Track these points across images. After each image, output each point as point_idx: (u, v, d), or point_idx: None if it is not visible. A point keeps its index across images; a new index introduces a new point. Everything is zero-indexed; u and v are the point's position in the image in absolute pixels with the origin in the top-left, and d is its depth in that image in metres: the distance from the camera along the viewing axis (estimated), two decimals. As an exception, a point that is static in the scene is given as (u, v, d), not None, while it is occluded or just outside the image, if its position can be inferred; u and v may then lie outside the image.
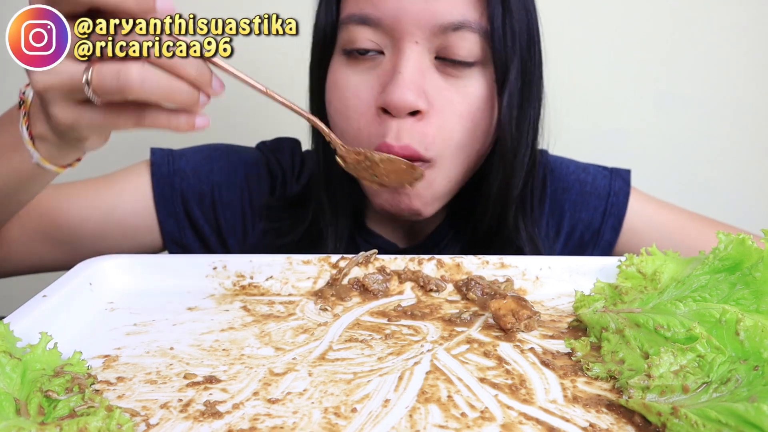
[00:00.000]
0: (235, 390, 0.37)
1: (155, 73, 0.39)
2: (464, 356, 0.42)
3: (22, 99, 0.46)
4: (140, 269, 0.55)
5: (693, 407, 0.32)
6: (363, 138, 0.58)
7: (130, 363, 0.41)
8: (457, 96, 0.57)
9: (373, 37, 0.56)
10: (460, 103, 0.57)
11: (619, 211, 0.71)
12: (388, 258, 0.56)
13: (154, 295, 0.53)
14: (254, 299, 0.53)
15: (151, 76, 0.39)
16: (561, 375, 0.40)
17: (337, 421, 0.34)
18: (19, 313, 0.43)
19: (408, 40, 0.55)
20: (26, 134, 0.46)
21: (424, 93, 0.56)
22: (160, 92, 0.40)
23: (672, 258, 0.49)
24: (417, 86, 0.55)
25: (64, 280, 0.49)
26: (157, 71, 0.40)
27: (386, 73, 0.56)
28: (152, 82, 0.39)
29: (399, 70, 0.55)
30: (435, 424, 0.34)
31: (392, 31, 0.55)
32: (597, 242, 0.72)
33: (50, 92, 0.41)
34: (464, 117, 0.58)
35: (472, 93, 0.58)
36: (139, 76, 0.39)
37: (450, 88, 0.57)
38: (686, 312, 0.40)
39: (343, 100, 0.59)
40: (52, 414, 0.32)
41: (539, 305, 0.52)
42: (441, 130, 0.57)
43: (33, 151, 0.47)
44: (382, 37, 0.56)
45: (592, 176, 0.73)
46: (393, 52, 0.56)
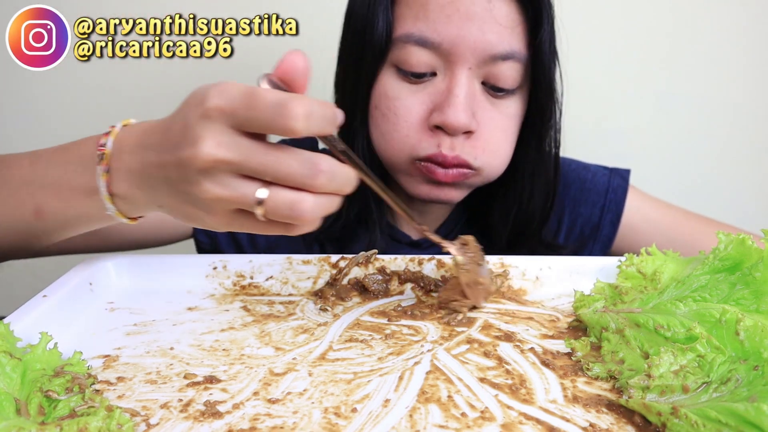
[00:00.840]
0: (235, 390, 0.37)
1: (325, 201, 0.38)
2: (464, 356, 0.42)
3: (102, 152, 0.42)
4: (140, 269, 0.55)
5: (693, 407, 0.32)
6: (409, 144, 0.62)
7: (130, 363, 0.41)
8: (499, 115, 0.62)
9: (429, 59, 0.60)
10: (501, 121, 0.63)
11: (617, 207, 0.74)
12: (388, 258, 0.56)
13: (154, 295, 0.53)
14: (254, 299, 0.53)
15: (321, 205, 0.37)
16: (561, 375, 0.40)
17: (337, 421, 0.34)
18: (19, 313, 0.43)
19: (462, 65, 0.59)
20: (105, 190, 0.43)
21: (473, 114, 0.60)
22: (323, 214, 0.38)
23: (672, 258, 0.49)
24: (469, 108, 0.59)
25: (64, 280, 0.49)
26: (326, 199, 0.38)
27: (440, 93, 0.60)
28: (320, 210, 0.37)
29: (455, 93, 0.59)
30: (435, 424, 0.34)
31: (448, 55, 0.59)
32: (597, 237, 0.75)
33: (217, 203, 0.38)
34: (505, 132, 0.63)
35: (512, 113, 0.63)
36: (312, 209, 0.37)
37: (494, 110, 0.62)
38: (686, 312, 0.40)
39: (393, 110, 0.62)
40: (53, 414, 0.32)
41: (539, 305, 0.52)
42: (487, 144, 0.62)
43: (110, 205, 0.44)
44: (437, 59, 0.60)
45: (592, 174, 0.76)
46: (446, 74, 0.60)
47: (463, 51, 0.58)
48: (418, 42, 0.59)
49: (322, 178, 0.36)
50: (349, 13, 0.65)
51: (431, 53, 0.59)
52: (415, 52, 0.59)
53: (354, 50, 0.63)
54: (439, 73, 0.60)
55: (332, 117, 0.36)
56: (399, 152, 0.63)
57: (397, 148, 0.62)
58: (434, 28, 0.58)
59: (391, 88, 0.62)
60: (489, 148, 0.62)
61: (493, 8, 0.58)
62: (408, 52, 0.60)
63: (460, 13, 0.57)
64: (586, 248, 0.75)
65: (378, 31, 0.61)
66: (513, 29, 0.59)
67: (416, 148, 0.61)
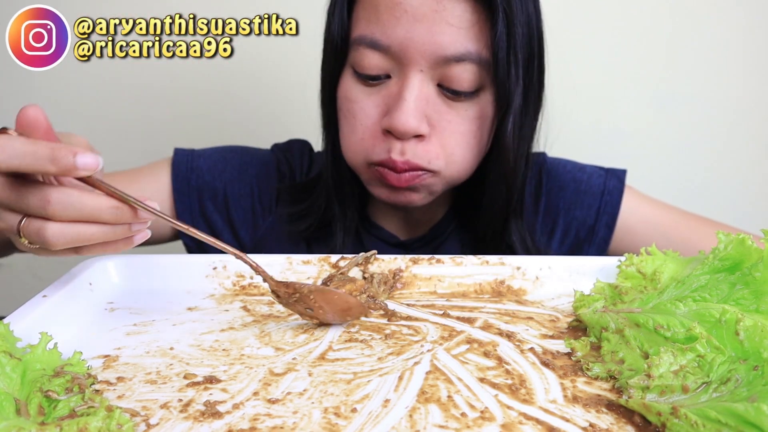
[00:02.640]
0: (235, 390, 0.37)
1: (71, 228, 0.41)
2: (464, 356, 0.42)
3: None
4: (140, 269, 0.55)
5: (693, 407, 0.32)
6: (365, 148, 0.62)
7: (130, 363, 0.41)
8: (457, 118, 0.61)
9: (381, 62, 0.59)
10: (460, 124, 0.61)
11: (612, 209, 0.74)
12: (388, 258, 0.56)
13: (154, 295, 0.53)
14: (254, 299, 0.53)
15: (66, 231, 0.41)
16: (561, 375, 0.40)
17: (337, 421, 0.34)
18: (19, 313, 0.43)
19: (413, 67, 0.58)
20: None
21: (425, 118, 0.60)
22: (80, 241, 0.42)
23: (672, 258, 0.49)
24: (420, 112, 0.59)
25: (64, 280, 0.49)
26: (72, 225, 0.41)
27: (392, 95, 0.60)
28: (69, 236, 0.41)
29: (404, 97, 0.58)
30: (435, 424, 0.34)
31: (399, 58, 0.58)
32: (592, 240, 0.74)
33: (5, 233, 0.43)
34: (465, 135, 0.62)
35: (472, 115, 0.61)
36: (55, 234, 0.41)
37: (451, 112, 0.61)
38: (686, 312, 0.40)
39: (351, 112, 0.63)
40: (52, 414, 0.32)
41: (539, 305, 0.52)
42: (443, 148, 0.61)
43: None
44: (389, 62, 0.59)
45: (588, 175, 0.75)
46: (399, 77, 0.60)
47: (413, 53, 0.57)
48: (370, 45, 0.59)
49: (52, 208, 0.40)
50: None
51: (383, 56, 0.59)
52: (368, 55, 0.59)
53: (323, 52, 0.65)
54: (393, 76, 0.60)
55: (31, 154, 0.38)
56: (356, 155, 0.63)
57: (354, 151, 0.63)
58: (383, 31, 0.58)
59: (349, 90, 0.62)
60: (446, 151, 0.61)
61: (443, 9, 0.56)
62: (362, 54, 0.60)
63: (408, 14, 0.57)
64: (582, 251, 0.74)
65: (334, 33, 0.61)
66: (467, 30, 0.57)
67: (370, 153, 0.61)
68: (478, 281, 0.56)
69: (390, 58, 0.59)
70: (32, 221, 0.41)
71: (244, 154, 0.78)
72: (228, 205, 0.75)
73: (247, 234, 0.75)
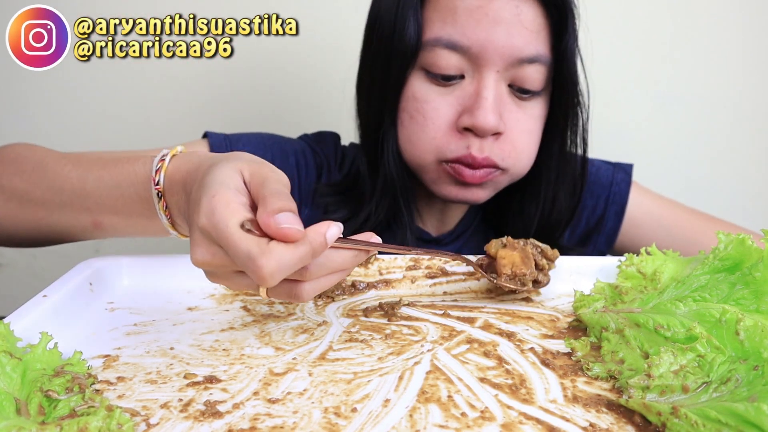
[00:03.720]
0: (235, 390, 0.37)
1: (319, 284, 0.41)
2: (464, 356, 0.42)
3: (158, 191, 0.47)
4: (140, 269, 0.55)
5: (693, 407, 0.32)
6: (436, 146, 0.63)
7: (130, 363, 0.41)
8: (524, 117, 0.64)
9: (458, 62, 0.61)
10: (527, 122, 0.64)
11: (621, 199, 0.75)
12: (389, 258, 0.56)
13: (154, 295, 0.53)
14: (254, 299, 0.53)
15: (316, 287, 0.40)
16: (561, 375, 0.40)
17: (337, 421, 0.34)
18: (19, 313, 0.43)
19: (490, 68, 0.60)
20: (166, 220, 0.48)
21: (501, 116, 0.62)
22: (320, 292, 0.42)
23: (672, 258, 0.49)
24: (498, 111, 0.61)
25: (64, 280, 0.49)
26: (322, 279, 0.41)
27: (468, 96, 0.62)
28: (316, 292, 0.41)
29: (484, 96, 0.60)
30: (435, 423, 0.34)
31: (477, 59, 0.60)
32: (601, 229, 0.76)
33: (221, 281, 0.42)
34: (530, 134, 0.65)
35: (537, 114, 0.65)
36: (307, 293, 0.40)
37: (519, 111, 0.63)
38: (686, 312, 0.40)
39: (421, 112, 0.64)
40: (53, 414, 0.32)
41: (539, 305, 0.52)
42: (514, 145, 0.64)
43: (173, 232, 0.49)
44: (465, 63, 0.61)
45: (596, 167, 0.77)
46: (475, 77, 0.62)
47: (491, 54, 0.59)
48: (447, 45, 0.60)
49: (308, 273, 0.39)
50: (373, 18, 0.66)
51: (460, 56, 0.61)
52: (444, 56, 0.61)
53: (381, 54, 0.64)
54: (467, 76, 0.62)
55: (299, 261, 0.37)
56: (426, 154, 0.64)
57: (425, 150, 0.64)
58: (463, 32, 0.60)
59: (419, 91, 0.63)
60: (516, 149, 0.63)
61: (521, 13, 0.59)
62: (437, 55, 0.61)
63: (488, 17, 0.59)
64: (591, 241, 0.76)
65: (408, 35, 0.62)
66: (538, 33, 0.60)
67: (444, 150, 0.63)
68: (479, 281, 0.56)
69: (467, 59, 0.61)
70: (279, 286, 0.40)
71: (283, 143, 0.77)
72: None
73: None
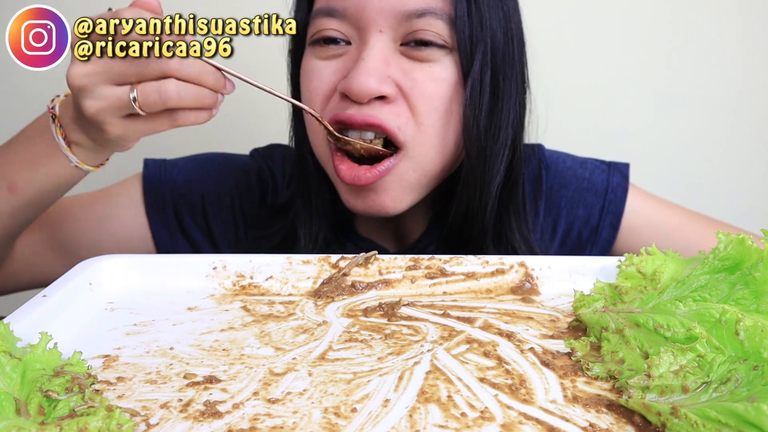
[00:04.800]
0: (235, 390, 0.37)
1: (186, 86, 0.48)
2: (464, 356, 0.42)
3: (53, 113, 0.54)
4: (140, 269, 0.55)
5: (693, 407, 0.32)
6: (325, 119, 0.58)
7: (130, 363, 0.41)
8: (422, 76, 0.58)
9: (339, 27, 0.58)
10: (427, 83, 0.57)
11: (617, 208, 0.70)
12: (388, 258, 0.56)
13: (154, 295, 0.53)
14: (254, 299, 0.53)
15: (184, 88, 0.48)
16: (561, 375, 0.40)
17: (337, 421, 0.34)
18: (19, 313, 0.43)
19: (372, 29, 0.57)
20: (63, 143, 0.53)
21: (389, 78, 0.57)
22: (191, 100, 0.48)
23: (672, 258, 0.49)
24: (380, 73, 0.56)
25: (64, 280, 0.49)
26: (187, 84, 0.48)
27: (352, 60, 0.58)
28: (185, 93, 0.48)
29: (362, 57, 0.56)
30: (435, 424, 0.34)
31: (357, 22, 0.57)
32: (595, 241, 0.71)
33: (102, 114, 0.49)
34: (434, 99, 0.58)
35: (440, 76, 0.58)
36: (176, 90, 0.47)
37: (417, 70, 0.58)
38: (686, 312, 0.40)
39: (307, 84, 0.61)
40: (52, 414, 0.32)
41: (539, 305, 0.52)
42: (412, 111, 0.58)
43: (71, 156, 0.54)
44: (348, 28, 0.58)
45: (590, 171, 0.72)
46: (359, 43, 0.58)
47: (370, 14, 0.56)
48: (327, 13, 0.58)
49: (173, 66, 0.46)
50: None
51: (341, 22, 0.58)
52: (326, 23, 0.59)
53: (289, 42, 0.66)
54: (353, 42, 0.59)
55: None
56: (315, 134, 0.61)
57: (313, 129, 0.61)
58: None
59: (308, 63, 0.61)
60: (415, 117, 0.57)
61: None
62: (318, 24, 0.59)
63: None
64: (584, 253, 0.71)
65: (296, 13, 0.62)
66: None
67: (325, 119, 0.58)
68: (480, 281, 0.55)
69: (348, 24, 0.58)
70: (148, 84, 0.47)
71: (222, 163, 0.74)
72: (207, 219, 0.71)
73: (229, 249, 0.71)
